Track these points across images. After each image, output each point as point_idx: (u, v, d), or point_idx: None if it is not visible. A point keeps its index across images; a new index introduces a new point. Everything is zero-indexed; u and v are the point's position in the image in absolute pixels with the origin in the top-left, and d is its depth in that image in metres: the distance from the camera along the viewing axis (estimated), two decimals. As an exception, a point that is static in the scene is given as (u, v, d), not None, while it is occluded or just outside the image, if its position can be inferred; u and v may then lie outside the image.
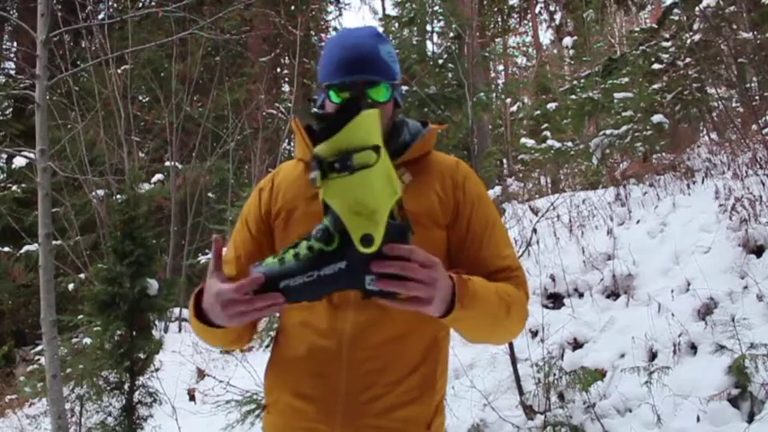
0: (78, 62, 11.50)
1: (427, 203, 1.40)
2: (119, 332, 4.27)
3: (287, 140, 12.12)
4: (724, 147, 7.14)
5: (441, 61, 9.73)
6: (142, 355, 4.33)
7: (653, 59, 9.26)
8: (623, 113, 8.60)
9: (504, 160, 16.07)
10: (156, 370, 4.54)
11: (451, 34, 9.73)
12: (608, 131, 8.57)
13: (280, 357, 1.44)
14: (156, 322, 5.11)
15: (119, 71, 10.20)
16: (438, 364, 1.41)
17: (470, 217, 1.43)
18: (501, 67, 22.84)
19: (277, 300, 1.10)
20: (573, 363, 3.93)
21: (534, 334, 4.50)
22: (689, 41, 8.76)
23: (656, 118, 8.10)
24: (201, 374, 6.14)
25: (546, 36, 21.14)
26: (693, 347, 3.63)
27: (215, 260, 1.22)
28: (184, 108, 10.51)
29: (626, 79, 8.98)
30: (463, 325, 1.28)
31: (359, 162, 1.06)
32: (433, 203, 1.40)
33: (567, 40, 14.12)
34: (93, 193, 9.64)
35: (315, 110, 1.38)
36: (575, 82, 10.76)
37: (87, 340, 5.95)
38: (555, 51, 21.06)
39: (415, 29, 10.00)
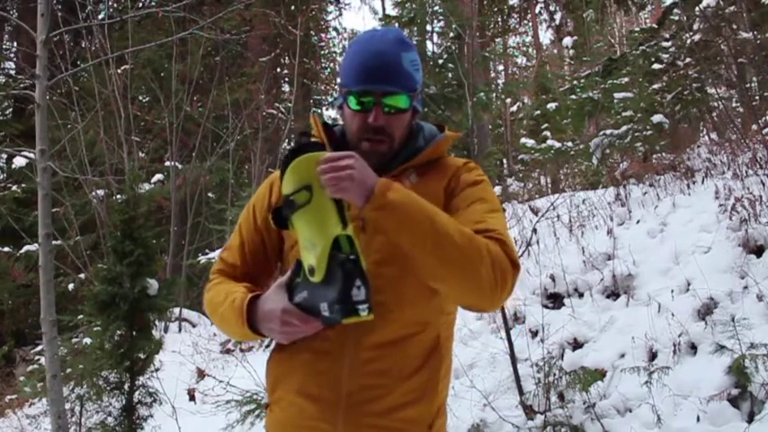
0: (78, 62, 11.50)
1: (433, 198, 1.40)
2: (119, 332, 4.27)
3: (287, 140, 12.12)
4: (724, 147, 7.14)
5: (441, 61, 9.73)
6: (142, 355, 4.33)
7: (653, 59, 9.26)
8: (623, 113, 8.60)
9: (504, 160, 16.09)
10: (156, 370, 4.53)
11: (451, 34, 9.73)
12: (608, 131, 8.57)
13: (283, 356, 1.45)
14: (156, 322, 5.11)
15: (119, 71, 10.20)
16: (441, 367, 1.42)
17: (459, 195, 1.41)
18: (501, 67, 22.84)
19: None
20: (573, 363, 3.93)
21: (534, 334, 4.50)
22: (689, 41, 8.76)
23: (656, 118, 8.11)
24: (201, 374, 6.14)
25: (546, 36, 21.14)
26: (693, 347, 3.63)
27: (291, 275, 1.30)
28: (184, 108, 10.50)
29: (626, 79, 8.98)
30: (397, 228, 1.21)
31: (298, 201, 1.20)
32: (438, 195, 1.41)
33: (567, 40, 14.13)
34: (93, 193, 9.64)
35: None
36: (575, 82, 10.76)
37: (87, 340, 5.95)
38: (555, 51, 21.06)
39: (415, 29, 10.00)
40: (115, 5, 13.87)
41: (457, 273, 1.24)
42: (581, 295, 4.78)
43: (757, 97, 9.56)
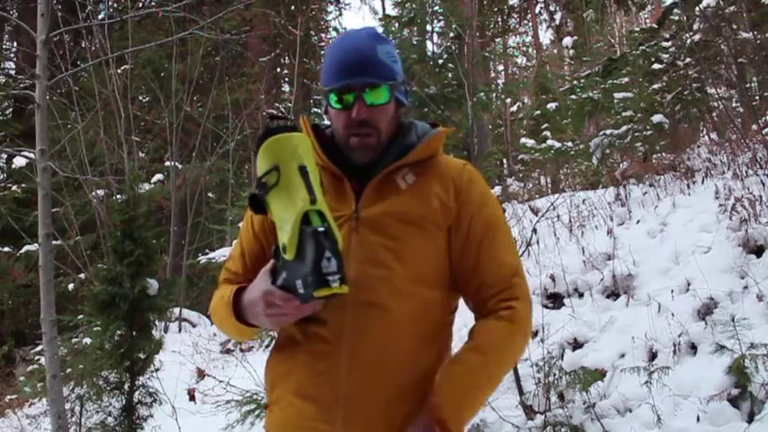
0: (78, 62, 11.50)
1: (428, 206, 1.40)
2: (119, 332, 4.27)
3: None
4: (724, 147, 7.14)
5: (441, 61, 9.73)
6: (142, 355, 4.33)
7: (653, 59, 9.25)
8: (623, 113, 8.60)
9: (504, 160, 16.07)
10: (156, 370, 4.53)
11: (451, 34, 9.73)
12: (608, 131, 8.57)
13: (281, 356, 1.45)
14: (156, 322, 5.11)
15: (119, 71, 10.20)
16: (439, 363, 1.41)
17: (471, 221, 1.42)
18: (501, 67, 22.83)
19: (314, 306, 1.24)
20: (573, 363, 3.93)
21: (534, 334, 4.49)
22: (689, 41, 8.76)
23: (656, 118, 8.10)
24: (201, 374, 6.14)
25: (546, 36, 21.13)
26: (693, 347, 3.63)
27: (273, 259, 1.31)
28: (184, 108, 10.50)
29: (626, 79, 8.98)
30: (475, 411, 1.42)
31: (269, 183, 1.24)
32: (434, 206, 1.40)
33: (567, 40, 14.11)
34: (93, 193, 9.64)
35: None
36: (575, 82, 10.76)
37: (87, 340, 5.95)
38: (555, 51, 21.05)
39: (415, 29, 10.00)
40: (115, 5, 13.87)
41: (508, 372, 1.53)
42: (581, 295, 4.78)
43: (757, 97, 9.55)
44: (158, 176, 10.96)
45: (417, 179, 1.43)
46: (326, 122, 1.57)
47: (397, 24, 10.06)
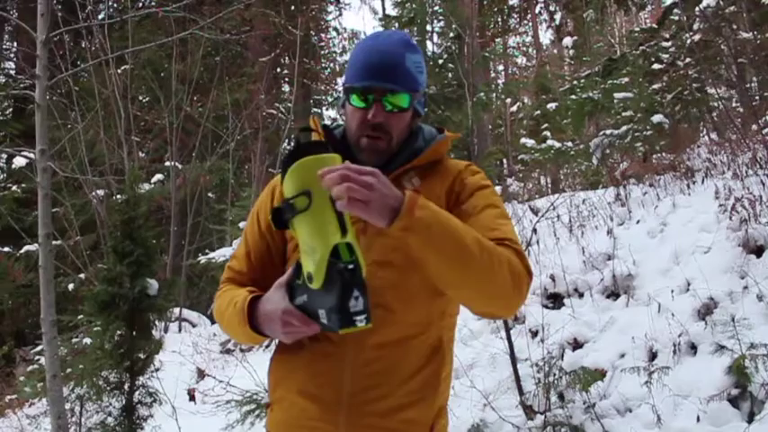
0: (78, 62, 11.50)
1: None
2: (119, 332, 4.27)
3: (287, 140, 12.13)
4: (724, 147, 7.14)
5: (441, 61, 9.75)
6: (142, 355, 4.32)
7: (653, 59, 9.27)
8: (623, 113, 8.61)
9: (504, 160, 16.08)
10: (156, 370, 4.53)
11: (451, 34, 9.74)
12: (608, 131, 8.58)
13: (285, 356, 1.45)
14: (156, 322, 5.10)
15: (119, 71, 10.21)
16: (442, 367, 1.42)
17: (466, 201, 1.41)
18: (501, 67, 22.86)
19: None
20: (573, 363, 3.93)
21: (534, 334, 4.50)
22: (689, 41, 8.76)
23: (656, 118, 8.11)
24: (201, 374, 6.14)
25: (546, 36, 21.15)
26: (693, 347, 3.63)
27: (291, 275, 1.28)
28: (184, 108, 10.52)
29: (626, 79, 8.99)
30: (422, 246, 1.17)
31: (298, 206, 1.17)
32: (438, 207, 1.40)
33: (567, 40, 14.13)
34: (93, 193, 9.64)
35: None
36: (575, 82, 10.76)
37: (87, 340, 5.95)
38: (555, 51, 21.05)
39: (415, 29, 10.01)
40: (115, 5, 13.89)
41: (477, 284, 1.24)
42: (581, 295, 4.78)
43: (757, 97, 9.56)
44: (158, 176, 10.97)
45: (423, 182, 1.43)
46: (326, 122, 1.57)
47: (397, 24, 10.07)
